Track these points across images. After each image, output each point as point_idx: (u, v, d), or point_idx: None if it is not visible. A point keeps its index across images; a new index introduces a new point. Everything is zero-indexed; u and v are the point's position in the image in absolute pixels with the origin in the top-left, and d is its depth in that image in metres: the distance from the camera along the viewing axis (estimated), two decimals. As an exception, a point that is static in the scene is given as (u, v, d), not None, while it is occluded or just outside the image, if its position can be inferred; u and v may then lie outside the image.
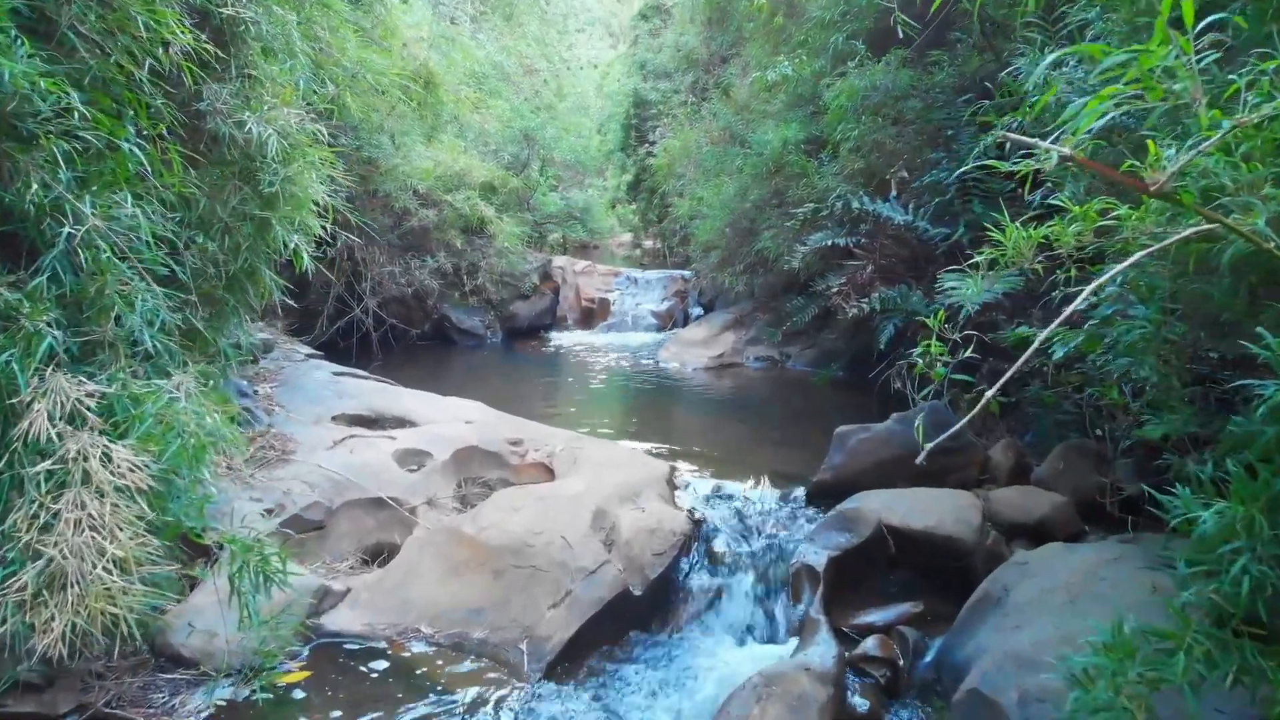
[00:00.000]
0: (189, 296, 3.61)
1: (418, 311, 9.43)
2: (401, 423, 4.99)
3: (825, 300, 6.38)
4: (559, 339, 10.41)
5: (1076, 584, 3.03)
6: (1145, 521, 3.68)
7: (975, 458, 4.30)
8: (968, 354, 2.42)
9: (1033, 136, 3.05)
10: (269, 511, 3.94)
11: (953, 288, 4.53)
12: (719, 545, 3.79)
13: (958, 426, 1.94)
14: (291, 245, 3.90)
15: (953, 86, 5.75)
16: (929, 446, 1.88)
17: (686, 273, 12.09)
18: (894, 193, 5.70)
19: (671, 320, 11.12)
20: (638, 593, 3.37)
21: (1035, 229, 2.13)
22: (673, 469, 4.52)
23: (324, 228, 5.16)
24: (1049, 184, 3.13)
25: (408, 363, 8.61)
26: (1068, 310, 1.77)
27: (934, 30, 6.33)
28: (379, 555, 4.03)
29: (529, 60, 15.90)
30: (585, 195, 20.07)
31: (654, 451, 5.19)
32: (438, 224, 9.09)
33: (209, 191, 3.89)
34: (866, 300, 5.31)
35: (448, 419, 5.01)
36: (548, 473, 4.51)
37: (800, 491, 4.32)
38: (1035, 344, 1.79)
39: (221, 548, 2.98)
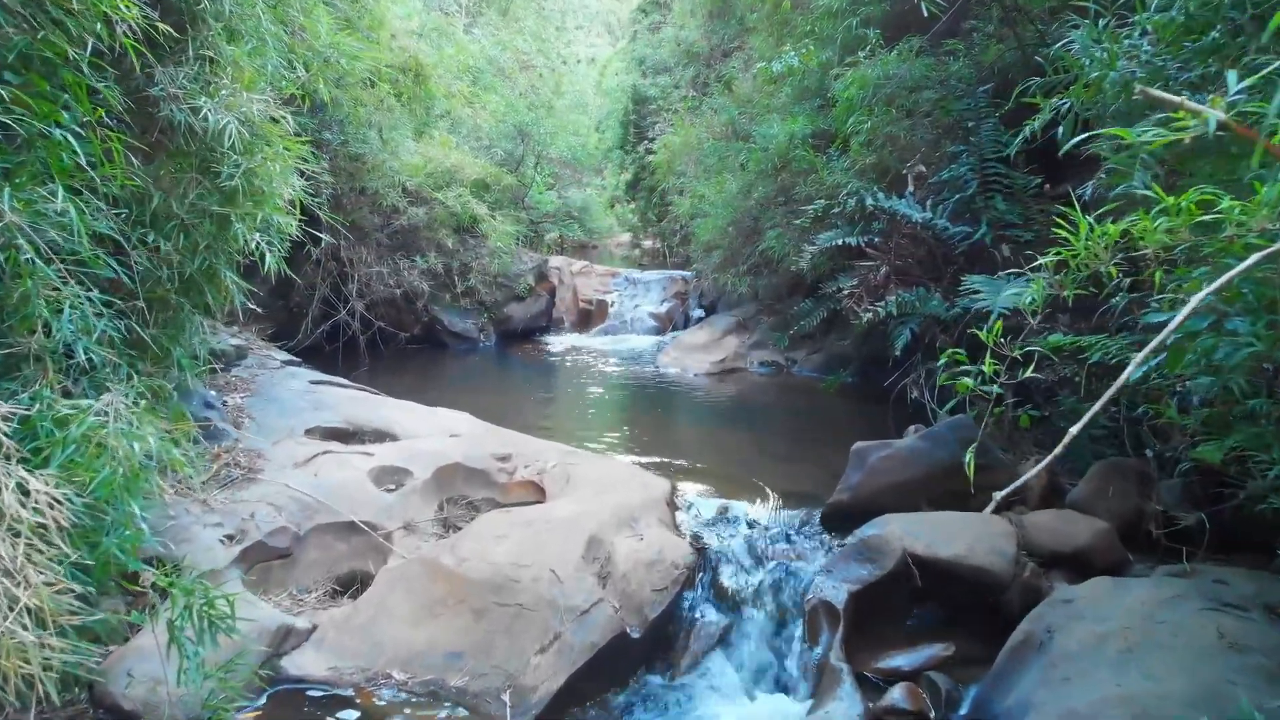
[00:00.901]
0: (136, 302, 3.26)
1: (407, 314, 9.07)
2: (381, 436, 4.63)
3: (835, 303, 6.03)
4: (555, 342, 10.04)
5: (1133, 629, 2.68)
6: (1197, 550, 3.34)
7: (1005, 477, 3.93)
8: (1027, 373, 2.05)
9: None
10: (229, 538, 3.58)
11: (977, 292, 4.18)
12: (726, 577, 3.43)
13: (1030, 476, 1.56)
14: (254, 244, 3.54)
15: (972, 76, 5.39)
16: (999, 496, 1.51)
17: (687, 273, 11.74)
18: (911, 189, 5.33)
19: (671, 322, 10.76)
20: (635, 635, 3.01)
21: (1112, 225, 1.76)
22: (674, 488, 4.16)
23: (303, 225, 4.83)
24: (1101, 175, 2.76)
25: (396, 367, 8.25)
26: (1173, 324, 1.40)
27: (948, 20, 5.98)
28: (351, 585, 3.67)
29: (525, 56, 15.52)
30: (584, 194, 19.76)
31: (653, 466, 4.83)
32: (428, 223, 8.73)
33: (166, 186, 3.54)
34: (881, 304, 4.95)
35: (431, 432, 4.65)
36: (538, 491, 4.15)
37: (814, 513, 3.95)
38: (1132, 367, 1.42)
39: (162, 592, 2.61)
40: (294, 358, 5.92)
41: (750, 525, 3.82)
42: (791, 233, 7.16)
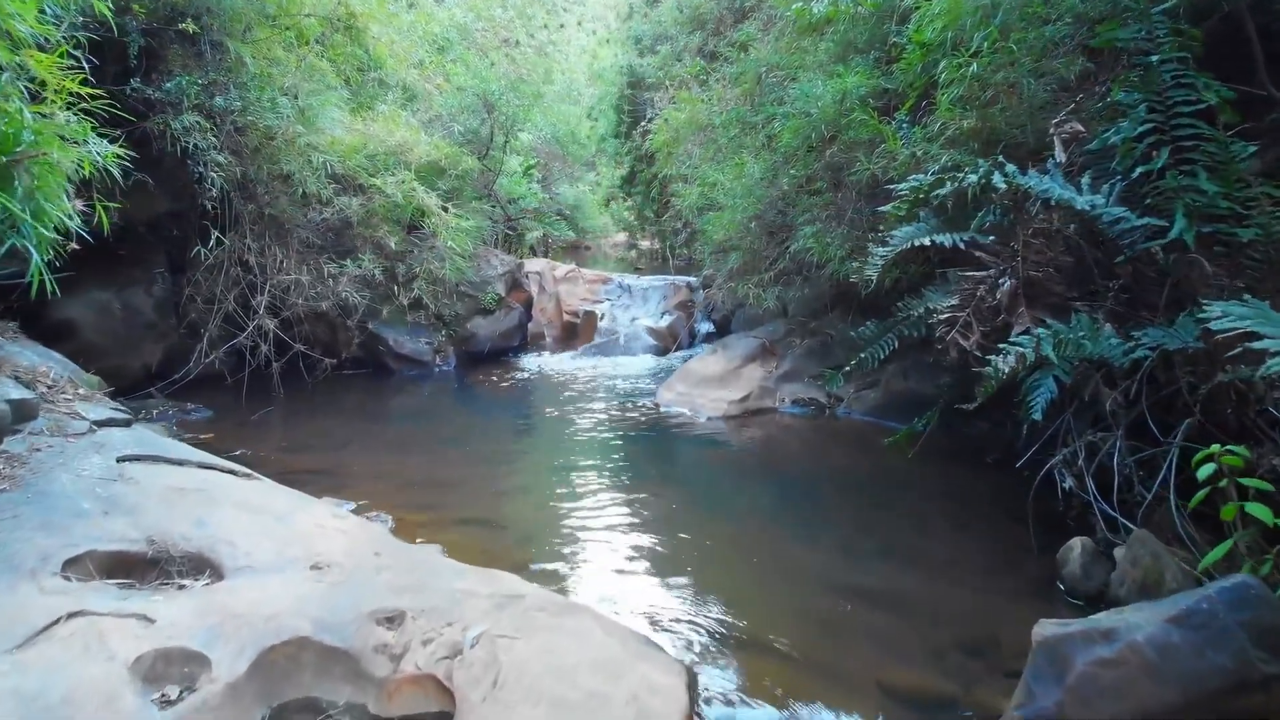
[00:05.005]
0: None
1: (342, 332, 7.18)
2: (198, 567, 2.76)
3: (918, 330, 4.17)
4: (531, 365, 8.15)
5: None
6: None
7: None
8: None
9: None
10: None
11: (1249, 333, 2.32)
12: None
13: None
14: None
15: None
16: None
17: (691, 279, 9.89)
18: (1059, 158, 3.47)
19: (675, 340, 8.88)
20: None
21: None
22: (692, 687, 2.30)
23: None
24: None
25: (315, 405, 6.36)
26: None
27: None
28: None
29: (506, 30, 13.60)
30: (575, 191, 17.92)
31: (654, 620, 2.95)
32: (364, 217, 6.84)
33: None
34: (1021, 343, 3.07)
35: (281, 559, 2.78)
36: (442, 696, 2.29)
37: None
38: None
39: None
40: (119, 410, 4.02)
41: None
42: (833, 229, 5.33)
